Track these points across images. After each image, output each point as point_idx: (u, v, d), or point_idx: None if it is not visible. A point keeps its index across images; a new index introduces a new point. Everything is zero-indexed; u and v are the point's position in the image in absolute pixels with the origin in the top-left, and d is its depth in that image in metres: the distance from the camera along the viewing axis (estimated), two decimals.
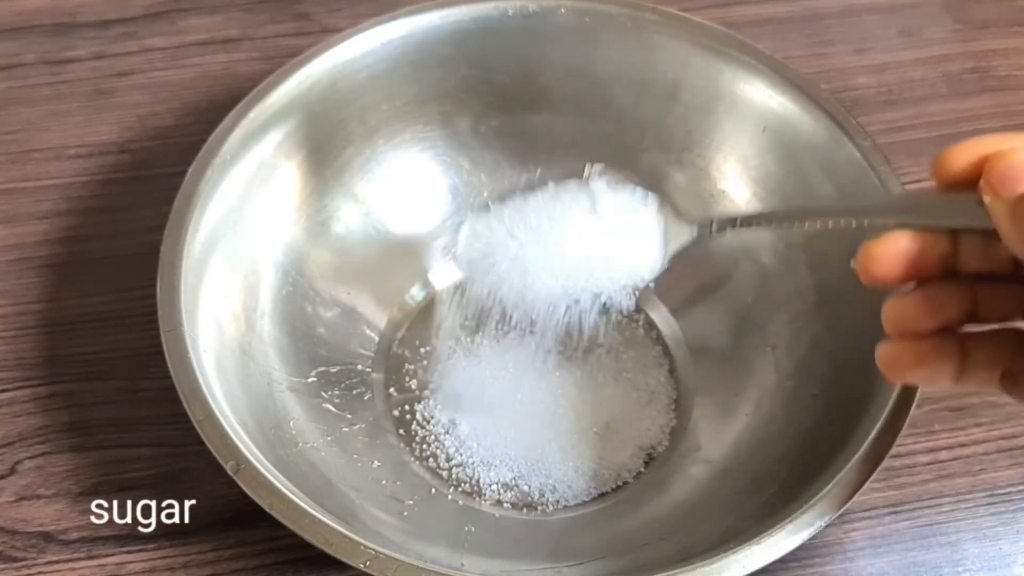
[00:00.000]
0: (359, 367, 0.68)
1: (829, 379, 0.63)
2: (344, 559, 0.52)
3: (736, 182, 0.70)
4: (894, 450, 0.63)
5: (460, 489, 0.64)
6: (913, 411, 0.63)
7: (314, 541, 0.52)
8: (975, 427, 0.67)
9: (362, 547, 0.52)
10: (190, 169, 0.63)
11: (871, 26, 0.84)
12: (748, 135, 0.69)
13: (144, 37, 0.84)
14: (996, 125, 0.78)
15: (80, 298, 0.70)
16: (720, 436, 0.66)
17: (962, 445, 0.66)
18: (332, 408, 0.65)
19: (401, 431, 0.66)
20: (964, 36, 0.84)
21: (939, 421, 0.67)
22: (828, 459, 0.57)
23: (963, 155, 0.47)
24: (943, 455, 0.66)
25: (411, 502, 0.63)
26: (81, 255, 0.72)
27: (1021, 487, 0.65)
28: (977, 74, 0.81)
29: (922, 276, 0.48)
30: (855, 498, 0.60)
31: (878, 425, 0.56)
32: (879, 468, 0.55)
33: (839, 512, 0.54)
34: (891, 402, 0.56)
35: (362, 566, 0.52)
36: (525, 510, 0.64)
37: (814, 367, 0.64)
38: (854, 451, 0.55)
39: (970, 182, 0.46)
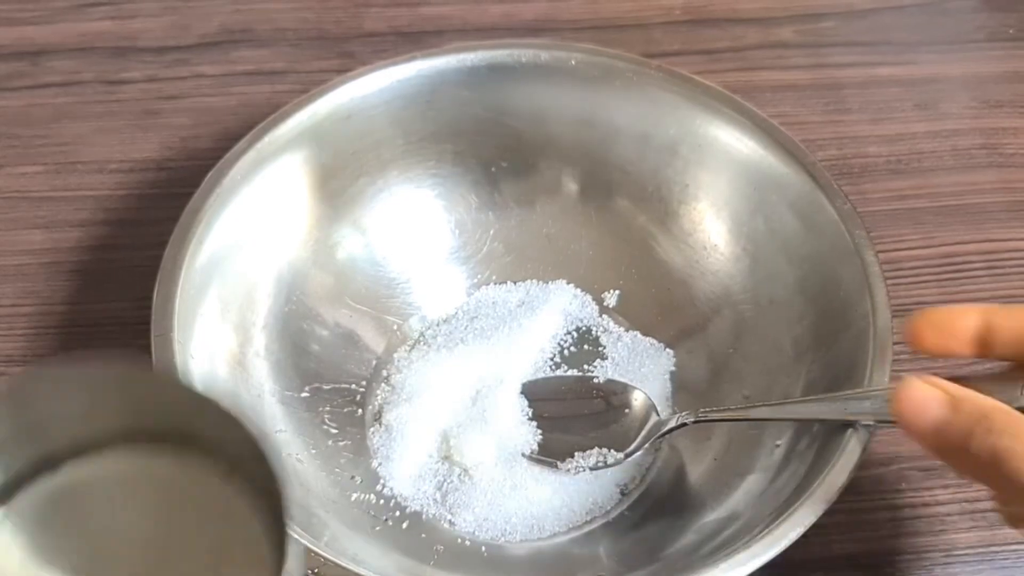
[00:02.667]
0: (352, 386, 0.70)
1: (794, 430, 0.64)
2: None
3: (727, 237, 0.72)
4: (859, 504, 0.66)
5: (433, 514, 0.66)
6: (882, 469, 0.66)
7: None
8: (941, 488, 0.68)
9: (312, 554, 0.55)
10: (200, 187, 0.66)
11: (889, 98, 0.86)
12: (740, 193, 0.71)
13: (196, 64, 0.88)
14: (998, 200, 0.80)
15: (102, 303, 0.74)
16: (687, 477, 0.68)
17: (926, 505, 0.67)
18: (321, 423, 0.68)
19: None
20: (978, 113, 0.85)
21: (906, 480, 0.68)
22: (784, 506, 0.58)
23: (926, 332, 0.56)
24: (906, 513, 0.67)
25: (385, 518, 0.65)
26: (109, 263, 0.76)
27: (979, 549, 0.66)
28: (985, 150, 0.83)
29: None
30: (817, 550, 0.63)
31: (822, 482, 0.58)
32: (809, 525, 0.57)
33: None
34: (841, 460, 0.58)
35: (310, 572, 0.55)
36: (492, 537, 0.66)
37: None
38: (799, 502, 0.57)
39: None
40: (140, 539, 0.45)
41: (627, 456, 0.66)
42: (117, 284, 0.75)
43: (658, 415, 0.67)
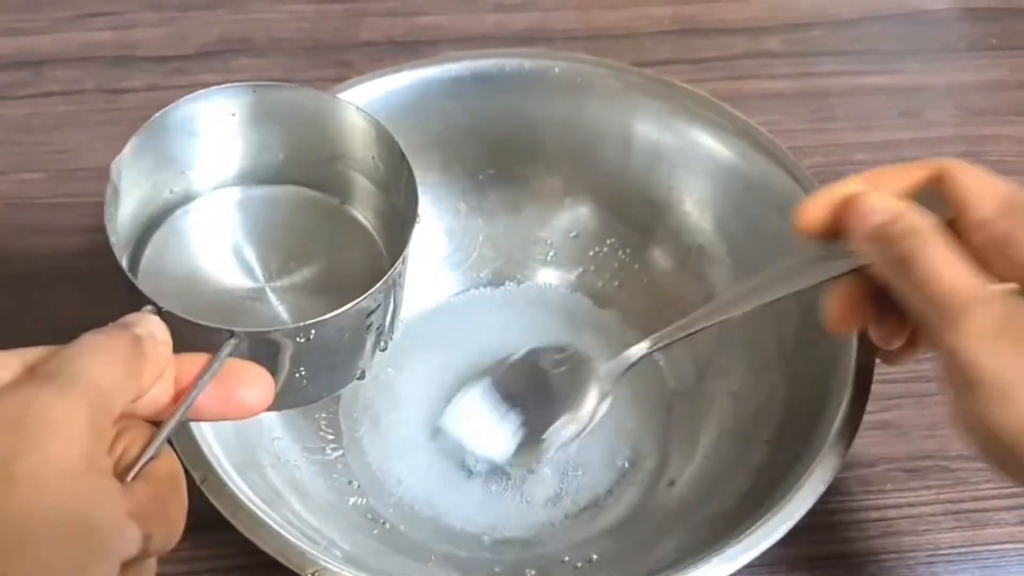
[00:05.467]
0: (347, 391, 0.71)
1: (780, 426, 0.66)
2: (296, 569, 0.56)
3: (711, 238, 0.74)
4: (844, 505, 0.67)
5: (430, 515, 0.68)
6: (867, 470, 0.67)
7: (268, 550, 0.56)
8: (925, 489, 0.69)
9: (308, 556, 0.56)
10: None
11: (875, 106, 0.87)
12: (723, 194, 0.73)
13: (196, 73, 0.89)
14: None
15: (103, 308, 0.74)
16: (680, 475, 0.69)
17: (911, 505, 0.69)
18: (318, 429, 0.69)
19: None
20: (962, 121, 0.86)
21: (891, 481, 0.70)
22: (773, 501, 0.59)
23: (816, 209, 0.56)
24: (891, 513, 0.69)
25: (383, 521, 0.66)
26: (110, 269, 0.77)
27: (961, 549, 0.67)
28: (968, 157, 0.82)
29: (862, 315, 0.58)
30: (803, 550, 0.65)
31: (809, 477, 0.59)
32: (791, 525, 0.58)
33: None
34: (829, 455, 0.60)
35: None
36: (490, 534, 0.67)
37: (769, 414, 0.67)
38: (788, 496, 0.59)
39: (826, 229, 0.56)
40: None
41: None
42: (118, 290, 0.75)
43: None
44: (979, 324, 0.50)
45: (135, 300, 0.50)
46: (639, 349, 0.67)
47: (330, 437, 0.69)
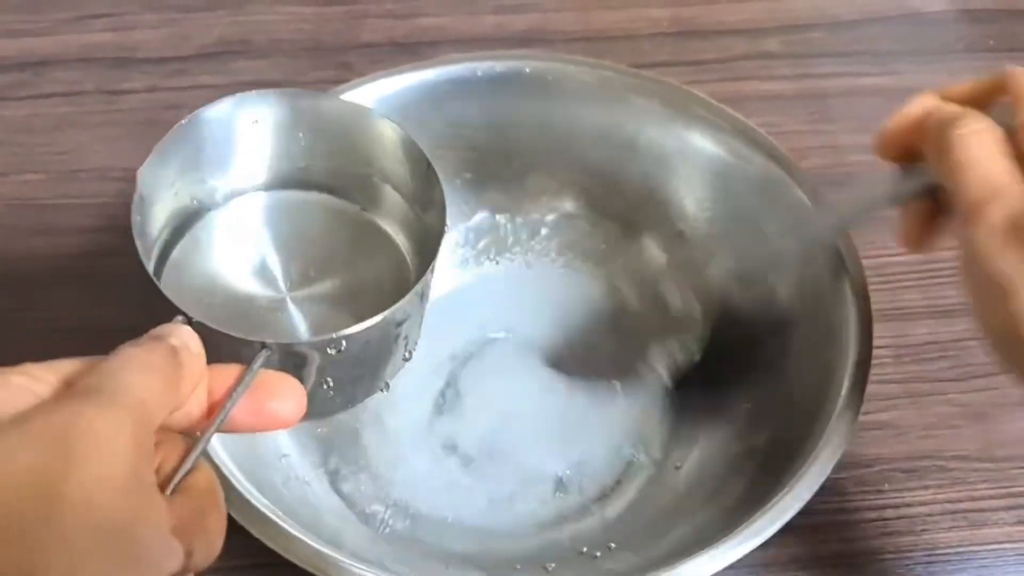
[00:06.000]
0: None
1: (785, 399, 0.67)
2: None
3: (691, 223, 0.74)
4: (842, 505, 0.67)
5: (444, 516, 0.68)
6: (865, 470, 0.67)
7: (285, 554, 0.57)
8: (923, 489, 0.70)
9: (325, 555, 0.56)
10: None
11: (873, 108, 0.85)
12: (701, 180, 0.74)
13: (196, 75, 0.89)
14: None
15: (102, 309, 0.75)
16: (677, 474, 0.69)
17: (908, 505, 0.69)
18: (324, 442, 0.69)
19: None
20: None
21: (889, 481, 0.70)
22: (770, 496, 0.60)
23: (893, 127, 0.58)
24: (889, 513, 0.69)
25: (399, 526, 0.67)
26: (109, 269, 0.77)
27: (959, 549, 0.67)
28: None
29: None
30: (801, 550, 0.65)
31: (825, 447, 0.60)
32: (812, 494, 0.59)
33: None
34: (826, 451, 0.60)
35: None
36: (503, 529, 0.68)
37: (771, 388, 0.68)
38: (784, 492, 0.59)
39: (906, 148, 0.57)
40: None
41: None
42: (118, 290, 0.75)
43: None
44: (994, 220, 0.50)
45: (161, 309, 0.49)
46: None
47: (335, 448, 0.70)
